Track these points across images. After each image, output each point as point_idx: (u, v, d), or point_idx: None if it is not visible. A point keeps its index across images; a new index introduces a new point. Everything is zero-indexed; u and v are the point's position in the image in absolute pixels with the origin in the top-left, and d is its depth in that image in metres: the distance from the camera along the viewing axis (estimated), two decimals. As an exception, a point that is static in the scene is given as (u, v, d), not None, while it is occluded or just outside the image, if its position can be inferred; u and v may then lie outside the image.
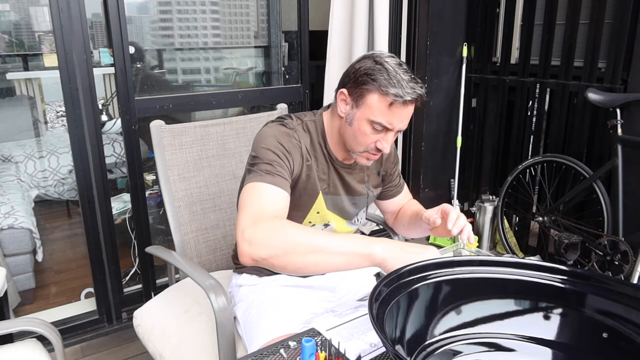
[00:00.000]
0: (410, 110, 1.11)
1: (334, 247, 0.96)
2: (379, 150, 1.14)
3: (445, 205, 1.18)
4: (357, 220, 1.39)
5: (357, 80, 1.10)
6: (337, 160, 1.24)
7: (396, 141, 2.90)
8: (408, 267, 0.86)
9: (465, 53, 2.93)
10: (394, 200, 1.46)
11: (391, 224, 1.50)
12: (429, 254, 0.96)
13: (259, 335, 1.14)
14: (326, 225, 1.30)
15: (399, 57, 2.74)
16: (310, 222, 1.27)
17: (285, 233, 0.97)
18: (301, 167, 1.17)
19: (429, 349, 0.83)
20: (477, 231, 2.96)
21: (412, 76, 1.10)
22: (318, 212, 1.25)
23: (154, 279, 2.28)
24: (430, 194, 3.13)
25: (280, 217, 1.03)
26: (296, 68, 2.60)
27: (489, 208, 2.89)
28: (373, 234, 2.84)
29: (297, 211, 1.21)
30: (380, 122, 1.09)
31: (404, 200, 1.46)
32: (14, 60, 4.09)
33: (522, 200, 2.80)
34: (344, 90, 1.14)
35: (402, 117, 1.10)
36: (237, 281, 1.36)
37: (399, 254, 0.95)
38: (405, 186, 1.49)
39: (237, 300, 1.30)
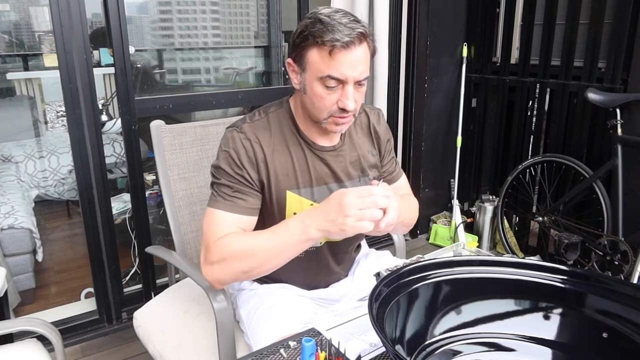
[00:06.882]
0: (359, 53, 1.01)
1: (277, 249, 1.00)
2: (343, 110, 1.05)
3: None
4: None
5: (294, 44, 1.06)
6: (316, 145, 1.16)
7: (395, 140, 2.90)
8: (408, 267, 0.85)
9: (465, 53, 2.93)
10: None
11: None
12: (347, 211, 0.92)
13: (265, 335, 1.12)
14: None
15: (399, 58, 2.79)
16: None
17: (232, 260, 1.02)
18: (264, 169, 1.12)
19: (429, 349, 0.83)
20: (477, 231, 2.97)
21: (353, 18, 1.02)
22: (295, 213, 1.15)
23: (154, 279, 2.28)
24: (430, 194, 3.13)
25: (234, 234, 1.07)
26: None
27: (489, 208, 2.89)
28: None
29: (272, 219, 1.15)
30: (329, 75, 1.01)
31: (399, 190, 1.35)
32: (14, 60, 4.09)
33: (522, 200, 2.80)
34: (289, 60, 1.10)
35: (351, 63, 1.00)
36: (239, 285, 1.34)
37: (329, 227, 0.95)
38: (404, 178, 1.38)
39: (240, 302, 1.28)
